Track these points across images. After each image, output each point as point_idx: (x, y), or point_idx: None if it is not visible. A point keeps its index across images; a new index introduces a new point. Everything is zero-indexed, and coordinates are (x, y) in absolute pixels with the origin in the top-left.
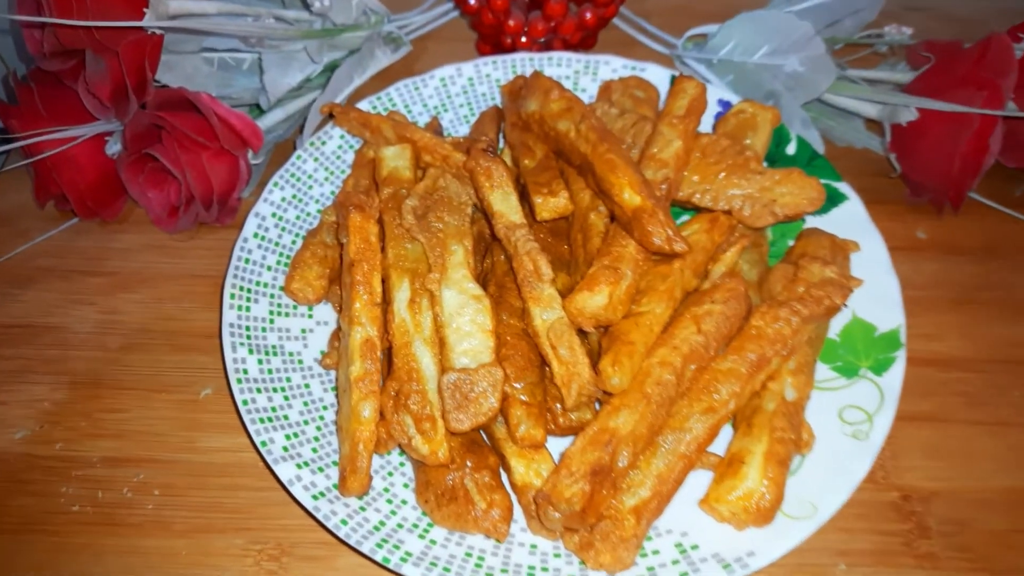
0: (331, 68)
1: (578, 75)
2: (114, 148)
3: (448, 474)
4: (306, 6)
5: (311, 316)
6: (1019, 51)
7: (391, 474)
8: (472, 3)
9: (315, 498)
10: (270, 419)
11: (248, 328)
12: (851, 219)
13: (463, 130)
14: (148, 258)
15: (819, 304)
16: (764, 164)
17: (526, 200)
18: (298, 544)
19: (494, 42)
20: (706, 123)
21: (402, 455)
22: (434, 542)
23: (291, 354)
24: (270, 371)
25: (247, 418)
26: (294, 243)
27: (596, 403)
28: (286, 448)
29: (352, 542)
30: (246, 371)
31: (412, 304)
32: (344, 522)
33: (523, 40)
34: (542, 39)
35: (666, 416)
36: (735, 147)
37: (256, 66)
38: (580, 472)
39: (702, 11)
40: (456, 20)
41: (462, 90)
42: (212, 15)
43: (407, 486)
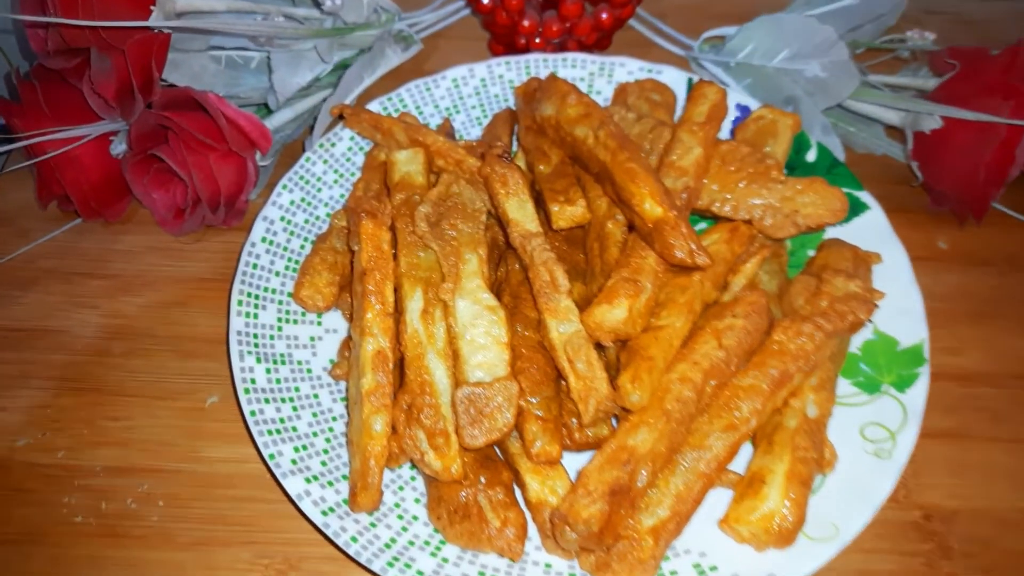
0: (341, 67)
1: (593, 77)
2: (119, 148)
3: (461, 490)
4: (317, 5)
5: (320, 324)
6: None
7: (402, 488)
8: (486, 3)
9: (324, 514)
10: (278, 431)
11: (256, 336)
12: (872, 229)
13: (475, 132)
14: (152, 260)
15: (843, 319)
16: (784, 172)
17: (541, 207)
18: (306, 559)
19: (507, 42)
20: (723, 128)
21: (413, 468)
22: (446, 560)
23: (300, 363)
24: (278, 381)
25: (255, 430)
26: (303, 248)
27: (613, 418)
28: (295, 461)
29: (363, 560)
30: (254, 380)
31: (425, 314)
32: (354, 539)
33: (537, 41)
34: (557, 40)
35: (686, 433)
36: (755, 155)
37: (264, 64)
38: (598, 492)
39: (718, 11)
40: (468, 18)
41: (474, 91)
42: (220, 12)
43: (418, 501)
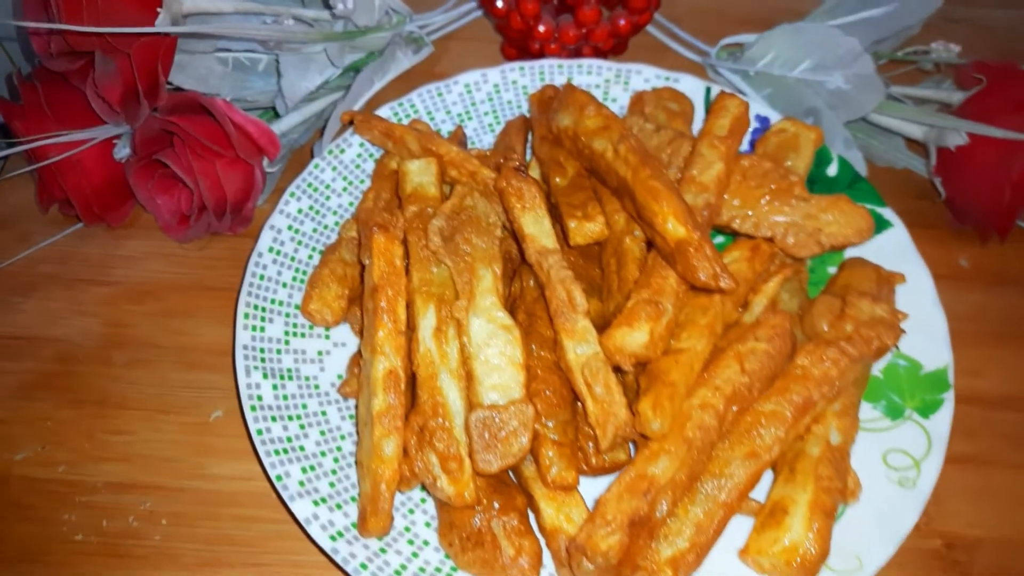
0: (351, 69)
1: (609, 84)
2: (123, 152)
3: (474, 516)
4: (328, 7)
5: (328, 337)
6: None
7: (412, 511)
8: (500, 6)
9: (333, 539)
10: (285, 450)
11: (262, 350)
12: (895, 247)
13: (488, 139)
14: (155, 267)
15: (869, 345)
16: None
17: (557, 221)
18: None
19: (521, 46)
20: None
21: (423, 490)
22: None
23: (307, 378)
24: (285, 397)
25: (262, 449)
26: (310, 258)
27: (631, 442)
28: (302, 483)
29: None
30: (260, 397)
31: (438, 333)
32: (364, 566)
33: (552, 46)
34: (573, 46)
35: (706, 461)
36: (778, 170)
37: (272, 66)
38: (617, 522)
39: (735, 15)
40: (480, 20)
41: (487, 97)
42: (228, 14)
43: (429, 525)
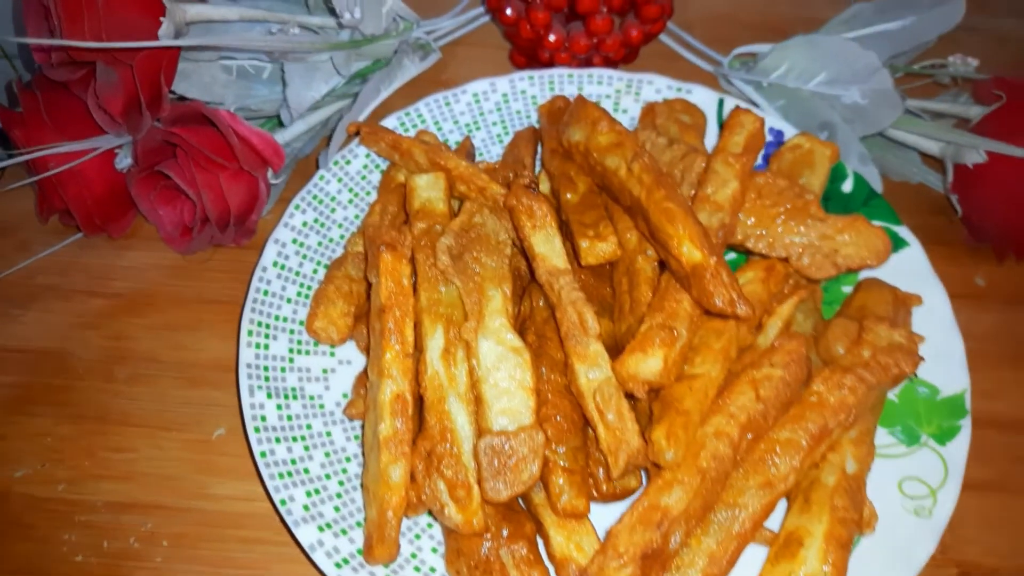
0: (357, 77)
1: (620, 94)
2: (124, 162)
3: (482, 543)
4: (334, 15)
5: (333, 355)
6: None
7: (418, 536)
8: (509, 14)
9: (338, 566)
10: (289, 473)
11: (267, 368)
12: (911, 267)
13: (496, 150)
14: (157, 279)
15: (887, 372)
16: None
17: (567, 238)
18: None
19: (530, 54)
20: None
21: (430, 515)
22: None
23: (311, 397)
24: (289, 418)
25: (265, 472)
26: (315, 272)
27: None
28: (307, 507)
29: None
30: (264, 418)
31: (446, 354)
32: None
33: (562, 55)
34: (583, 56)
35: (720, 490)
36: (793, 189)
37: (277, 73)
38: (629, 554)
39: (748, 22)
40: (488, 25)
41: (495, 107)
42: (233, 21)
43: (436, 551)
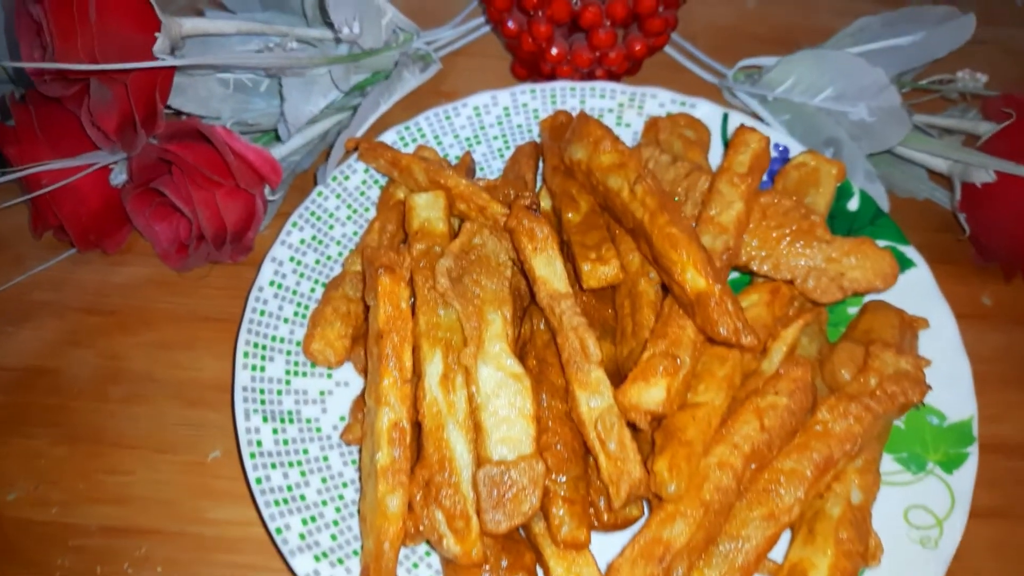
0: (356, 89)
1: (623, 108)
2: (119, 178)
3: (480, 574)
4: (332, 29)
5: (330, 376)
6: None
7: (416, 566)
8: (511, 27)
9: None
10: (285, 500)
11: (263, 391)
12: (917, 288)
13: (497, 165)
14: (153, 295)
15: (893, 401)
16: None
17: (569, 260)
18: None
19: (532, 66)
20: None
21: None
22: None
23: (308, 421)
24: (286, 442)
25: (261, 500)
26: (313, 291)
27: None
28: (303, 536)
29: None
30: (260, 443)
31: (445, 380)
32: None
33: (564, 68)
34: (586, 69)
35: (724, 522)
36: (799, 209)
37: (275, 86)
38: None
39: (753, 34)
40: (489, 35)
41: (496, 120)
42: (230, 35)
43: None
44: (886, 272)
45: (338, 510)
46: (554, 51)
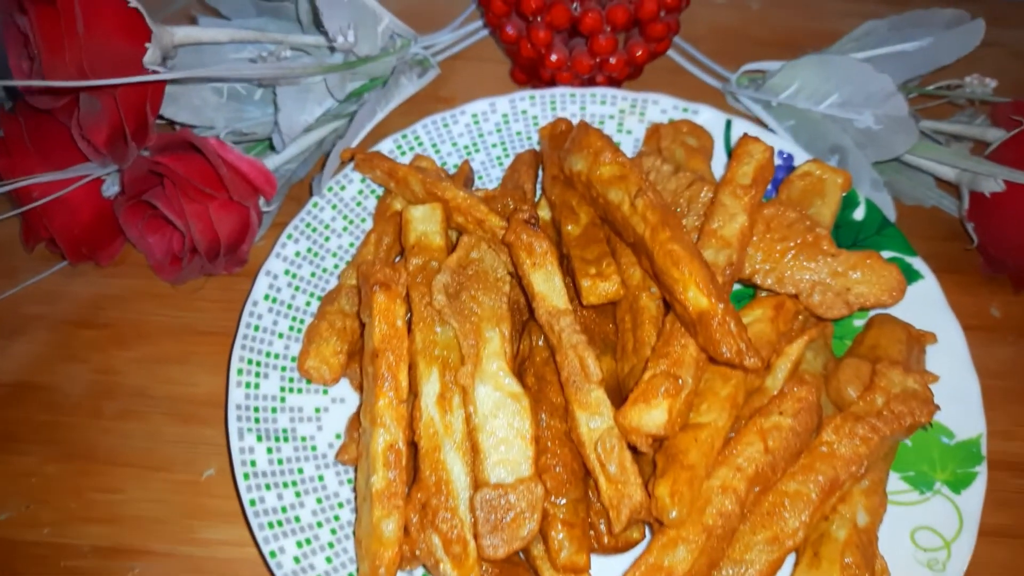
0: (352, 96)
1: (624, 115)
2: (111, 190)
3: None
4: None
5: (326, 392)
6: None
7: None
8: (510, 32)
9: None
10: (280, 523)
11: (257, 409)
12: (925, 301)
13: (496, 173)
14: (147, 308)
15: (901, 422)
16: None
17: (569, 275)
18: None
19: (531, 71)
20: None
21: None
22: None
23: (303, 439)
24: (280, 461)
25: (255, 522)
26: (308, 304)
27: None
28: (298, 559)
29: None
30: (254, 463)
31: (442, 400)
32: None
33: (564, 74)
34: (586, 76)
35: (727, 547)
36: (803, 222)
37: (269, 94)
38: None
39: (757, 37)
40: (488, 39)
41: (495, 128)
42: (224, 43)
43: None
44: (893, 287)
45: (333, 532)
46: (554, 57)
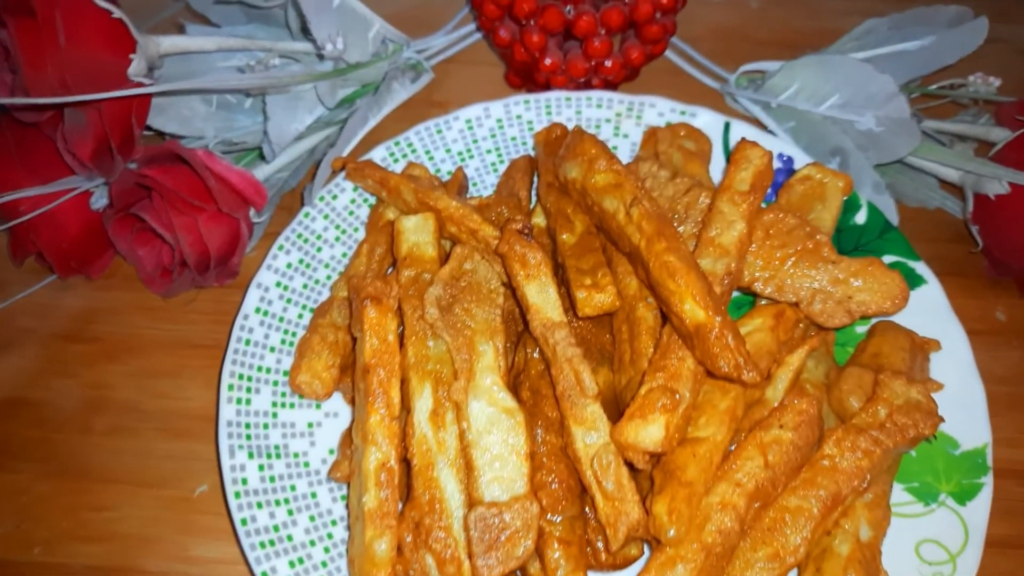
0: (344, 102)
1: (620, 118)
2: (100, 203)
3: None
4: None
5: (319, 407)
6: None
7: None
8: (503, 35)
9: None
10: (272, 542)
11: (248, 425)
12: (928, 307)
13: (490, 179)
14: (138, 322)
15: (904, 434)
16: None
17: (564, 285)
18: None
19: (526, 75)
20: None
21: None
22: None
23: (296, 455)
24: (272, 479)
25: (246, 542)
26: (300, 317)
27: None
28: None
29: None
30: (245, 481)
31: (435, 416)
32: None
33: (559, 77)
34: (582, 79)
35: (726, 565)
36: (804, 228)
37: (259, 103)
38: None
39: (757, 37)
40: (482, 42)
41: (490, 133)
42: (211, 52)
43: None
44: (895, 294)
45: (327, 550)
46: (548, 61)
